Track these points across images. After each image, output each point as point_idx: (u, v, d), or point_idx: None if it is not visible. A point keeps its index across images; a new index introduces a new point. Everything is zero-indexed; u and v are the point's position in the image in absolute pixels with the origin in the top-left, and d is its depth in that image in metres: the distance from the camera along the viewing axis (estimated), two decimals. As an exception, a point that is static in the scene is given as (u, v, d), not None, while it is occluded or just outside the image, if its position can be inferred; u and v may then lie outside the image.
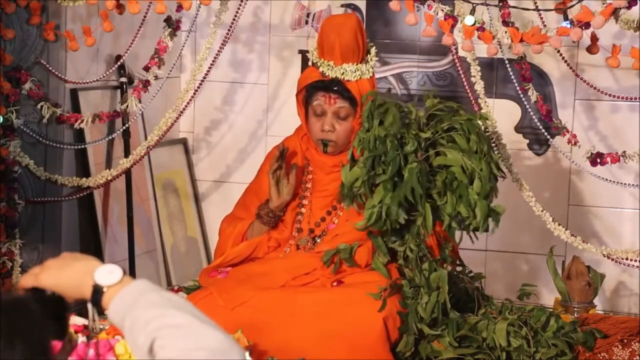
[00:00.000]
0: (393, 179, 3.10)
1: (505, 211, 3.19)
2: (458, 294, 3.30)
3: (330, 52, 3.27)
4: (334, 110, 3.31)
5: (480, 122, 3.28)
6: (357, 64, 3.29)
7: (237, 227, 3.42)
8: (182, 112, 3.84)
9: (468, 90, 3.58)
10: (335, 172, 3.32)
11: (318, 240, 3.36)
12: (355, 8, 4.44)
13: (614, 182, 3.71)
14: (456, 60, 3.60)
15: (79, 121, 3.74)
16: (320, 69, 3.29)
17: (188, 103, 3.87)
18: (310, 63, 3.37)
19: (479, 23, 3.34)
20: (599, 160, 3.57)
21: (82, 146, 3.85)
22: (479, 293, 3.33)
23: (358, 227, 3.18)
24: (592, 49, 3.41)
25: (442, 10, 3.36)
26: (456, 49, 3.54)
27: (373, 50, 3.36)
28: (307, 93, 3.34)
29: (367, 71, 3.31)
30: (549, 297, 4.01)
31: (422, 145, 3.16)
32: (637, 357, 3.18)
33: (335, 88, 3.29)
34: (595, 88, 3.67)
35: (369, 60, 3.33)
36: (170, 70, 3.94)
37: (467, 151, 3.14)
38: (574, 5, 3.29)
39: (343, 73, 3.28)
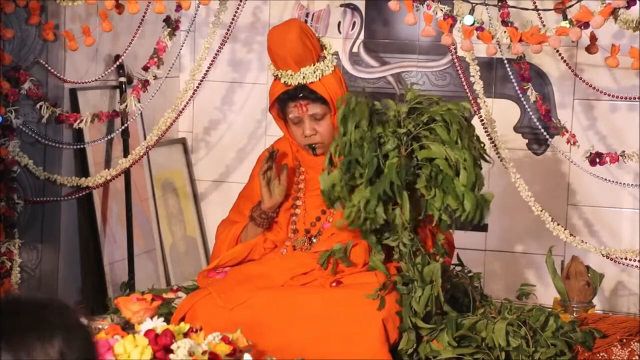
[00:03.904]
0: (371, 180, 3.07)
1: (493, 197, 3.15)
2: (457, 293, 3.30)
3: (284, 64, 3.26)
4: (309, 115, 3.31)
5: (458, 111, 3.23)
6: (314, 64, 3.28)
7: (232, 230, 3.42)
8: (181, 112, 3.84)
9: (467, 90, 3.58)
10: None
11: (314, 240, 3.36)
12: (354, 8, 4.44)
13: (613, 181, 3.71)
14: (455, 60, 3.60)
15: (78, 121, 3.74)
16: (282, 80, 3.29)
17: (187, 103, 3.87)
18: (271, 76, 3.36)
19: (478, 23, 3.34)
20: (598, 160, 3.57)
21: (81, 146, 3.85)
22: (478, 293, 3.32)
23: (337, 225, 3.17)
24: (591, 48, 3.41)
25: (441, 10, 3.36)
26: (455, 48, 3.54)
27: (328, 44, 3.35)
28: (279, 106, 3.35)
29: (327, 67, 3.30)
30: (548, 296, 4.00)
31: (403, 140, 3.13)
32: (636, 357, 3.18)
33: (301, 95, 3.29)
34: (594, 88, 3.67)
35: (326, 54, 3.32)
36: (169, 70, 3.95)
37: (449, 142, 3.11)
38: (573, 5, 3.29)
39: (304, 77, 3.27)
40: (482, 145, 3.22)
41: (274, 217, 3.39)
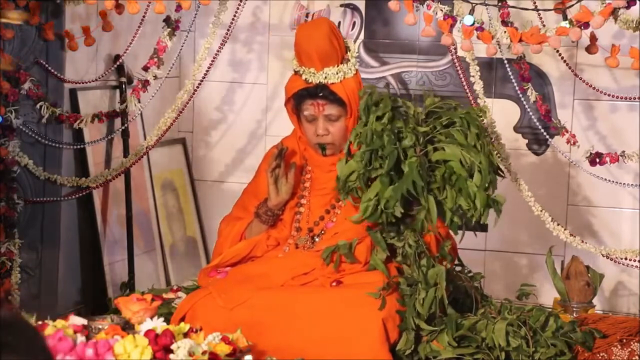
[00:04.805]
0: (390, 173, 3.09)
1: (506, 201, 3.18)
2: (457, 293, 3.30)
3: (309, 60, 3.27)
4: (324, 115, 3.31)
5: (479, 115, 3.28)
6: (338, 66, 3.29)
7: (236, 226, 3.42)
8: (181, 112, 3.84)
9: (467, 90, 3.58)
10: (334, 170, 3.33)
11: (317, 239, 3.36)
12: (354, 8, 4.44)
13: (613, 182, 3.71)
14: (455, 60, 3.60)
15: (78, 121, 3.74)
16: (303, 77, 3.29)
17: (187, 103, 3.87)
18: (292, 71, 3.36)
19: (478, 23, 3.34)
20: (598, 160, 3.57)
21: (81, 146, 3.85)
22: (478, 293, 3.33)
23: (353, 220, 3.18)
24: (591, 48, 3.41)
25: (441, 10, 3.36)
26: (455, 48, 3.54)
27: (352, 46, 3.36)
28: (295, 101, 3.35)
29: (350, 70, 3.31)
30: (548, 297, 4.00)
31: (420, 140, 3.15)
32: (636, 357, 3.19)
33: (321, 94, 3.29)
34: (594, 88, 3.67)
35: (350, 57, 3.33)
36: (170, 70, 3.94)
37: (465, 145, 3.14)
38: (573, 5, 3.29)
39: (326, 77, 3.28)
40: (497, 154, 3.25)
41: (280, 214, 3.39)
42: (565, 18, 3.28)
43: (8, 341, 1.50)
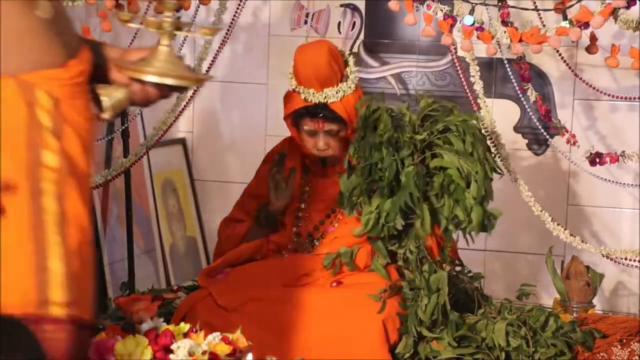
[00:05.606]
0: (391, 185, 3.10)
1: (501, 215, 3.19)
2: (457, 294, 3.30)
3: (308, 82, 3.26)
4: (325, 130, 3.31)
5: (475, 122, 3.28)
6: (337, 85, 3.28)
7: (236, 229, 3.42)
8: (181, 112, 3.84)
9: (467, 90, 3.58)
10: (333, 176, 3.33)
11: (317, 243, 3.36)
12: (354, 8, 4.44)
13: (613, 182, 3.71)
14: (455, 60, 3.60)
15: (78, 121, 3.74)
16: (303, 96, 3.29)
17: (187, 103, 3.87)
18: (290, 89, 3.35)
19: (478, 23, 3.34)
20: (598, 160, 3.57)
21: (81, 146, 3.84)
22: (478, 293, 3.33)
23: (355, 234, 3.19)
24: (591, 48, 3.41)
25: (441, 10, 3.36)
26: (455, 48, 3.54)
27: (351, 62, 3.34)
28: (294, 115, 3.34)
29: (349, 88, 3.30)
30: (548, 297, 4.00)
31: (417, 147, 3.15)
32: (636, 357, 3.19)
33: (321, 114, 3.29)
34: (594, 88, 3.67)
35: (349, 73, 3.32)
36: (170, 70, 3.94)
37: (462, 153, 3.13)
38: (573, 5, 3.29)
39: (325, 97, 3.27)
40: (494, 156, 3.24)
41: (281, 219, 3.39)
42: (565, 18, 3.28)
43: (2, 341, 1.50)
